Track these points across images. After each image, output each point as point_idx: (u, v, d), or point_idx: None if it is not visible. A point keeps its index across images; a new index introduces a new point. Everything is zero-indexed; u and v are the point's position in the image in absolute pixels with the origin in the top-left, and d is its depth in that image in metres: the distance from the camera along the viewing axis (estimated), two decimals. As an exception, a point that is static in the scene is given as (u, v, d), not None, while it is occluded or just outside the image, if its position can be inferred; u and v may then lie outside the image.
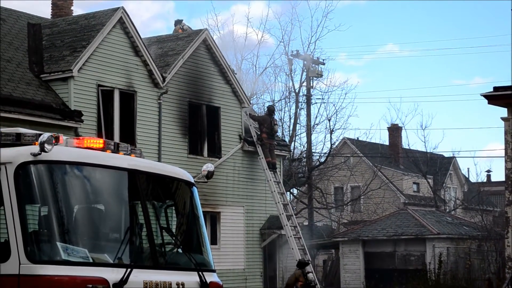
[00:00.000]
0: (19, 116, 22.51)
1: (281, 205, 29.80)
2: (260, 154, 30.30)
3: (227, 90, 30.18)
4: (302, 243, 29.69)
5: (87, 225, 8.86)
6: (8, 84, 23.63)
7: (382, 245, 38.56)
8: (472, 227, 39.83)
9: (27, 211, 8.45)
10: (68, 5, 30.41)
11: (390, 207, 50.33)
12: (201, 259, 9.69)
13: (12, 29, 26.82)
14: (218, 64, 29.83)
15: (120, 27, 26.16)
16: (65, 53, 25.39)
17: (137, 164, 9.27)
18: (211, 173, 10.31)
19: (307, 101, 44.51)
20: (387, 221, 40.14)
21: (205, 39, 29.45)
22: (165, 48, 29.19)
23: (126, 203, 9.15)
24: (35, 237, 8.37)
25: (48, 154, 8.43)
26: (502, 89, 22.11)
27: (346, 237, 39.92)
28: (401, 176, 54.67)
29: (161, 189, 9.77)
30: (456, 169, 59.69)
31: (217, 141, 29.73)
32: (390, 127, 56.73)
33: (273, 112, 31.49)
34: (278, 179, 30.52)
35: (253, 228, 30.77)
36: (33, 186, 8.47)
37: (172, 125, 27.84)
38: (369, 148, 54.03)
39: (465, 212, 52.62)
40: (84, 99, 24.76)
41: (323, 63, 45.62)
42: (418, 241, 37.65)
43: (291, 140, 43.94)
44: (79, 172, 8.77)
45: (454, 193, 58.10)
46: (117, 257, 8.61)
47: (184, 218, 10.10)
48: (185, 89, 28.54)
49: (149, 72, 26.90)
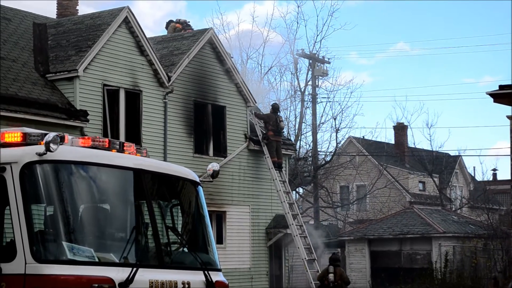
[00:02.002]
0: (25, 115, 22.52)
1: (287, 204, 29.79)
2: (265, 153, 30.29)
3: (232, 89, 30.17)
4: (308, 242, 29.68)
5: (93, 224, 8.86)
6: (13, 84, 23.66)
7: (388, 244, 38.55)
8: (478, 225, 39.79)
9: (32, 210, 8.47)
10: (74, 5, 30.44)
11: (396, 206, 50.27)
12: (207, 258, 9.69)
13: (17, 29, 26.85)
14: (223, 63, 29.83)
15: (125, 27, 26.18)
16: (70, 52, 25.41)
17: (142, 163, 9.27)
18: (216, 172, 10.30)
19: (313, 100, 44.50)
20: (393, 220, 40.12)
21: (211, 38, 29.45)
22: (170, 48, 29.19)
23: (132, 203, 9.16)
24: (40, 236, 8.38)
25: (53, 153, 8.44)
26: (507, 87, 22.01)
27: (352, 236, 39.91)
28: (406, 174, 54.60)
29: (166, 189, 9.77)
30: (462, 168, 59.60)
31: (222, 140, 29.72)
32: (395, 126, 56.66)
33: (277, 110, 31.46)
34: (283, 178, 30.51)
35: (259, 227, 30.76)
36: (39, 186, 8.48)
37: (177, 124, 27.85)
38: (374, 147, 54.00)
39: (471, 211, 52.54)
40: (89, 98, 24.77)
41: (328, 62, 45.62)
42: (424, 239, 37.63)
43: (296, 139, 43.92)
44: (85, 172, 8.77)
45: (460, 192, 58.00)
46: (123, 256, 8.61)
47: (190, 217, 10.10)
48: (191, 88, 28.54)
49: (155, 71, 26.90)
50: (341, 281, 24.91)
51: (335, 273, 24.81)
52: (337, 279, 24.81)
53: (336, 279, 24.68)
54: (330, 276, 24.71)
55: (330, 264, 25.09)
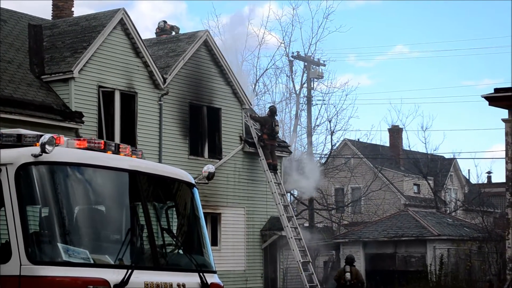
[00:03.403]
0: (20, 117, 22.51)
1: (282, 207, 29.79)
2: (260, 155, 30.29)
3: (227, 91, 30.18)
4: (302, 244, 29.68)
5: (88, 226, 8.86)
6: (9, 85, 23.64)
7: (382, 246, 38.57)
8: (473, 228, 39.83)
9: (28, 212, 8.46)
10: (69, 6, 30.43)
11: (390, 208, 50.34)
12: (202, 260, 9.69)
13: (13, 30, 26.84)
14: (219, 65, 29.84)
15: (121, 28, 26.18)
16: (66, 54, 25.40)
17: (137, 165, 9.27)
18: (211, 174, 10.31)
19: (308, 102, 44.52)
20: (388, 222, 40.15)
21: (206, 40, 29.45)
22: (165, 49, 29.19)
23: (127, 204, 9.15)
24: (36, 238, 8.37)
25: (49, 155, 8.43)
26: (503, 90, 22.08)
27: (346, 238, 39.93)
28: (401, 177, 54.68)
29: (161, 190, 9.77)
30: (456, 171, 59.70)
31: (217, 142, 29.73)
32: (390, 129, 56.79)
33: (275, 113, 31.47)
34: (278, 181, 30.52)
35: (254, 229, 30.76)
36: (34, 187, 8.47)
37: (172, 126, 27.85)
38: (369, 150, 54.05)
39: (465, 214, 52.62)
40: (84, 100, 24.77)
41: (324, 65, 45.64)
42: (419, 242, 37.66)
43: (291, 141, 43.94)
44: (80, 173, 8.77)
45: (455, 195, 58.10)
46: (118, 258, 8.61)
47: (185, 219, 10.10)
48: (186, 90, 28.54)
49: (150, 73, 26.90)
50: (356, 280, 25.38)
51: (351, 272, 25.30)
52: (353, 278, 25.32)
53: (352, 278, 25.17)
54: (347, 275, 25.13)
55: (346, 264, 25.53)
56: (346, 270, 25.39)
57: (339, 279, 25.61)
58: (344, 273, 25.38)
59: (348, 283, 25.17)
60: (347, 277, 25.21)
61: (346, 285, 25.18)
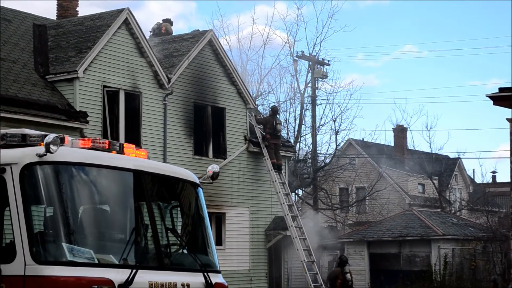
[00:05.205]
0: (25, 117, 22.52)
1: (286, 206, 29.78)
2: (265, 155, 30.28)
3: (232, 91, 30.17)
4: (307, 244, 29.68)
5: (93, 226, 8.86)
6: (13, 85, 23.66)
7: (387, 246, 38.55)
8: (478, 228, 39.81)
9: (32, 212, 8.46)
10: (74, 6, 30.43)
11: (395, 208, 50.29)
12: (206, 260, 9.69)
13: (17, 30, 26.86)
14: (223, 65, 29.84)
15: (125, 28, 26.18)
16: (70, 54, 25.41)
17: (142, 165, 9.27)
18: (216, 174, 10.30)
19: (312, 102, 44.48)
20: (392, 222, 40.13)
21: (210, 40, 29.45)
22: (170, 49, 29.20)
23: (131, 204, 9.16)
24: (40, 238, 8.37)
25: (53, 155, 8.44)
26: (507, 90, 22.02)
27: (351, 238, 39.93)
28: (406, 177, 54.61)
29: (166, 190, 9.77)
30: (461, 170, 59.63)
31: (222, 142, 29.73)
32: (395, 128, 56.70)
33: (276, 112, 31.43)
34: (283, 180, 30.50)
35: (258, 229, 30.75)
36: (39, 187, 8.47)
37: (177, 126, 27.85)
38: (374, 149, 54.00)
39: (470, 213, 52.56)
40: (89, 100, 24.78)
41: (328, 64, 45.60)
42: (424, 242, 37.63)
43: (296, 141, 43.92)
44: (85, 173, 8.77)
45: (460, 194, 58.01)
46: (123, 258, 8.60)
47: (189, 219, 10.10)
48: (190, 90, 28.54)
49: (155, 73, 26.91)
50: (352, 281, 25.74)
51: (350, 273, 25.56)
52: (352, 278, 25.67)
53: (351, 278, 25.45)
54: (347, 276, 25.22)
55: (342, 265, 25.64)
56: (346, 271, 25.35)
57: (335, 280, 25.58)
58: (343, 273, 25.32)
59: (349, 283, 25.25)
60: (348, 278, 25.21)
61: (347, 285, 25.23)
